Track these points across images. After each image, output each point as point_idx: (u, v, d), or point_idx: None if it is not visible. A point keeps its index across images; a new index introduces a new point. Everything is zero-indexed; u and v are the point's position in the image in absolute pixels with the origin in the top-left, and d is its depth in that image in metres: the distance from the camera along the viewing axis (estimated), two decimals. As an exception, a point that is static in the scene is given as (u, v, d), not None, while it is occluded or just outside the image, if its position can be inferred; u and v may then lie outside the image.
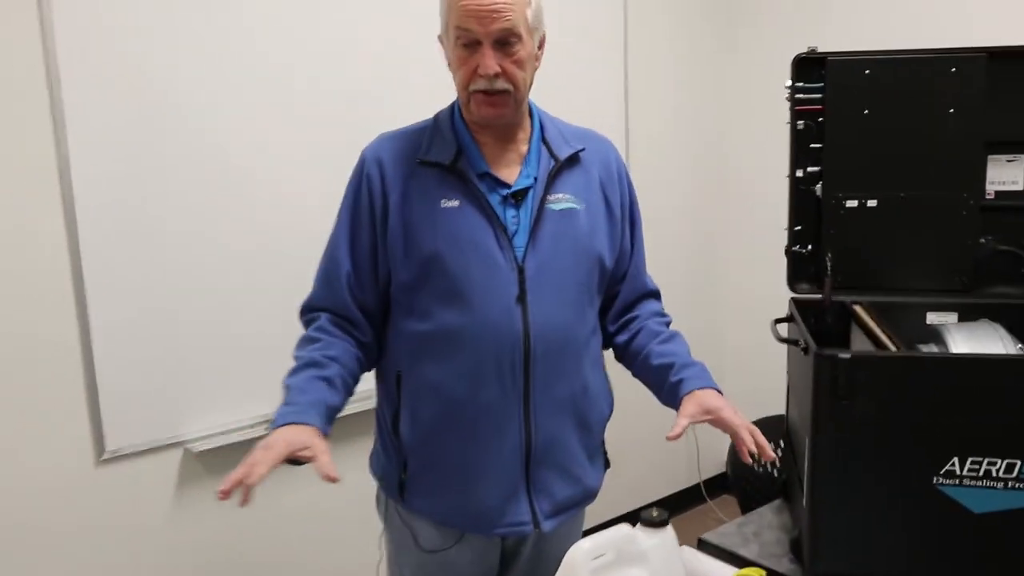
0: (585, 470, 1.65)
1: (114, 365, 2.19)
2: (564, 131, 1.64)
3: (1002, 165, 1.89)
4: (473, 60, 1.47)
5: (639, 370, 1.70)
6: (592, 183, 1.62)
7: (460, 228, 1.52)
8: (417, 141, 1.58)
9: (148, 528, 2.32)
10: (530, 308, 1.52)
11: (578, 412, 1.61)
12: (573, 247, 1.57)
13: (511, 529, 1.59)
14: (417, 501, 1.61)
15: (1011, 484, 1.46)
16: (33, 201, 2.09)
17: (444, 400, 1.55)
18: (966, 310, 1.88)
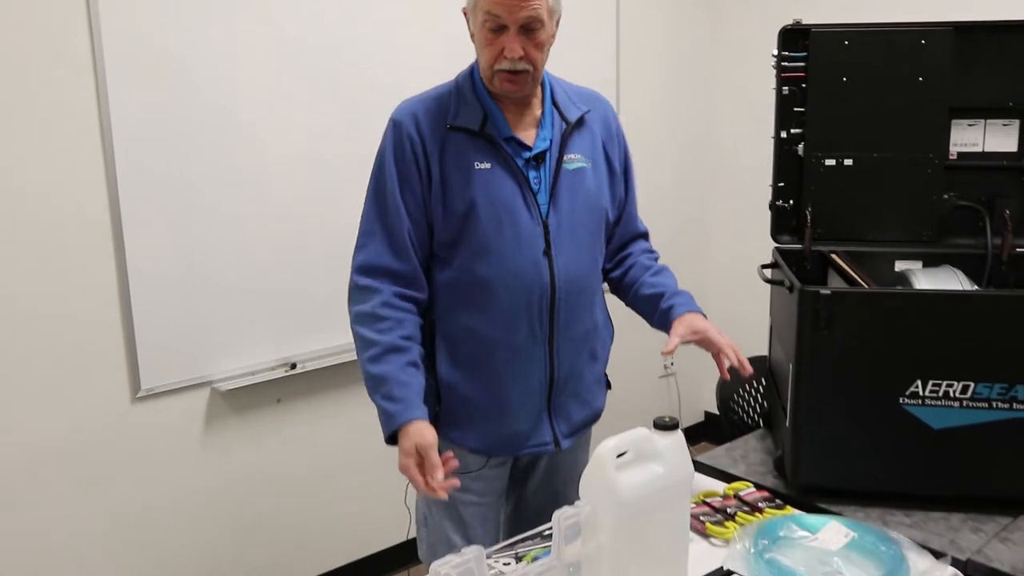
0: (594, 394, 1.86)
1: (150, 311, 2.36)
2: (569, 92, 1.79)
3: (964, 128, 2.07)
4: (499, 42, 1.59)
5: (632, 300, 1.89)
6: (596, 142, 1.78)
7: (493, 189, 1.65)
8: (444, 106, 1.69)
9: (179, 459, 2.50)
10: (555, 260, 1.69)
11: (590, 346, 1.81)
12: (586, 203, 1.74)
13: (536, 449, 1.78)
14: (452, 431, 1.75)
15: (965, 403, 1.67)
16: (76, 163, 2.24)
17: (480, 343, 1.70)
18: (931, 258, 2.07)
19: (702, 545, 1.58)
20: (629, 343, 3.70)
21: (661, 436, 1.36)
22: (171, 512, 2.49)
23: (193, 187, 2.42)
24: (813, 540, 1.53)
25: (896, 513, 1.70)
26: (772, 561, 1.44)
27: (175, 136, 2.37)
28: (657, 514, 1.33)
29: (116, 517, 2.39)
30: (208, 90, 2.42)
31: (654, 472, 1.33)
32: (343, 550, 2.83)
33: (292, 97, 2.58)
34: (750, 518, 1.64)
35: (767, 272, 2.02)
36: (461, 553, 1.09)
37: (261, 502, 2.67)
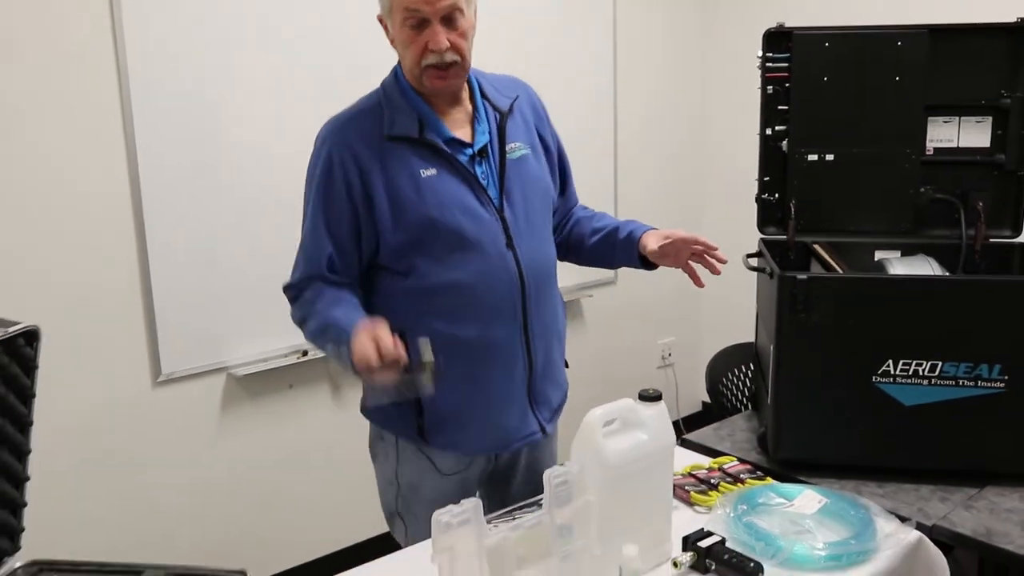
0: (562, 375, 1.90)
1: (170, 300, 2.49)
2: (494, 82, 1.78)
3: (940, 125, 2.18)
4: (422, 38, 1.58)
5: (587, 250, 1.92)
6: (529, 126, 1.80)
7: (443, 194, 1.64)
8: (376, 117, 1.67)
9: (197, 441, 2.63)
10: (519, 250, 1.70)
11: (557, 328, 1.85)
12: (535, 189, 1.77)
13: (525, 441, 1.80)
14: (439, 439, 1.74)
15: (934, 381, 1.79)
16: (99, 153, 2.37)
17: (458, 347, 1.66)
18: (908, 248, 2.18)
19: (687, 512, 1.69)
20: (627, 335, 3.86)
21: (645, 406, 1.48)
22: (189, 490, 2.62)
23: (211, 176, 2.54)
24: (789, 506, 1.65)
25: (870, 484, 1.82)
26: (749, 524, 1.56)
27: (194, 125, 2.49)
28: (642, 477, 1.45)
29: (136, 495, 2.52)
30: (226, 79, 2.54)
31: (639, 439, 1.45)
32: (354, 529, 2.95)
33: (310, 86, 2.68)
34: (732, 487, 1.76)
35: (751, 261, 2.14)
36: (460, 504, 1.21)
37: (274, 482, 2.79)
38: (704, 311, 4.15)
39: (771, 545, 1.50)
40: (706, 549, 1.47)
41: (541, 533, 1.31)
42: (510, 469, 1.87)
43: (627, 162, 3.73)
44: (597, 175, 3.60)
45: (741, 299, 2.88)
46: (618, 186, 3.69)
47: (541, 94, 1.91)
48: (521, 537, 1.29)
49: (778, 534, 1.53)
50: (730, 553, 1.46)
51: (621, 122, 3.67)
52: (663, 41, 3.87)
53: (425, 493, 1.79)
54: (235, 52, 2.55)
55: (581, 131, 3.47)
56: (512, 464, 1.87)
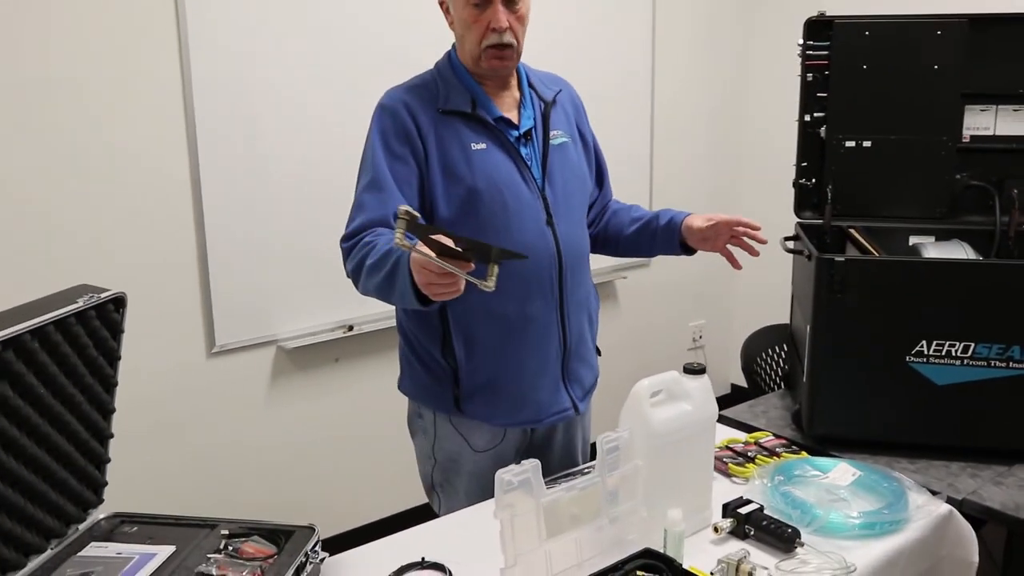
0: (594, 357, 1.97)
1: (224, 275, 2.60)
2: (538, 76, 1.87)
3: (976, 113, 2.22)
4: (484, 18, 1.65)
5: (625, 241, 1.98)
6: (569, 119, 1.89)
7: (492, 167, 1.72)
8: (432, 92, 1.74)
9: (247, 410, 2.74)
10: (557, 228, 1.78)
11: (589, 310, 1.92)
12: (574, 174, 1.85)
13: (558, 417, 1.86)
14: (475, 409, 1.80)
15: (966, 361, 1.85)
16: (161, 131, 2.47)
17: (496, 320, 1.73)
18: (942, 234, 2.23)
19: (724, 483, 1.77)
20: (660, 316, 3.93)
21: (690, 379, 1.56)
22: (239, 456, 2.73)
23: (265, 156, 2.63)
24: (824, 478, 1.72)
25: (901, 461, 1.88)
26: (786, 493, 1.64)
27: (250, 104, 2.59)
28: (685, 445, 1.53)
29: (189, 459, 2.64)
30: (284, 58, 2.63)
31: (683, 409, 1.53)
32: (397, 498, 3.05)
33: (360, 71, 2.77)
34: (768, 460, 1.84)
35: (788, 244, 2.20)
36: (521, 464, 1.30)
37: (320, 451, 2.91)
38: (734, 294, 4.21)
39: (807, 513, 1.57)
40: (745, 516, 1.55)
41: (593, 495, 1.40)
42: (545, 446, 1.93)
43: (663, 147, 3.79)
44: (634, 159, 3.67)
45: (771, 282, 2.94)
46: (653, 171, 3.76)
47: (579, 81, 1.99)
48: (574, 498, 1.38)
49: (814, 503, 1.60)
50: (768, 520, 1.54)
51: (658, 107, 3.73)
52: (701, 28, 3.92)
53: (461, 468, 1.87)
54: (293, 31, 2.64)
55: (619, 115, 3.54)
56: (547, 441, 1.93)
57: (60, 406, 1.36)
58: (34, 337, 1.26)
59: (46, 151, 2.31)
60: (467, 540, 1.54)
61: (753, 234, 1.84)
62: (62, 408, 1.37)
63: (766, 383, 2.67)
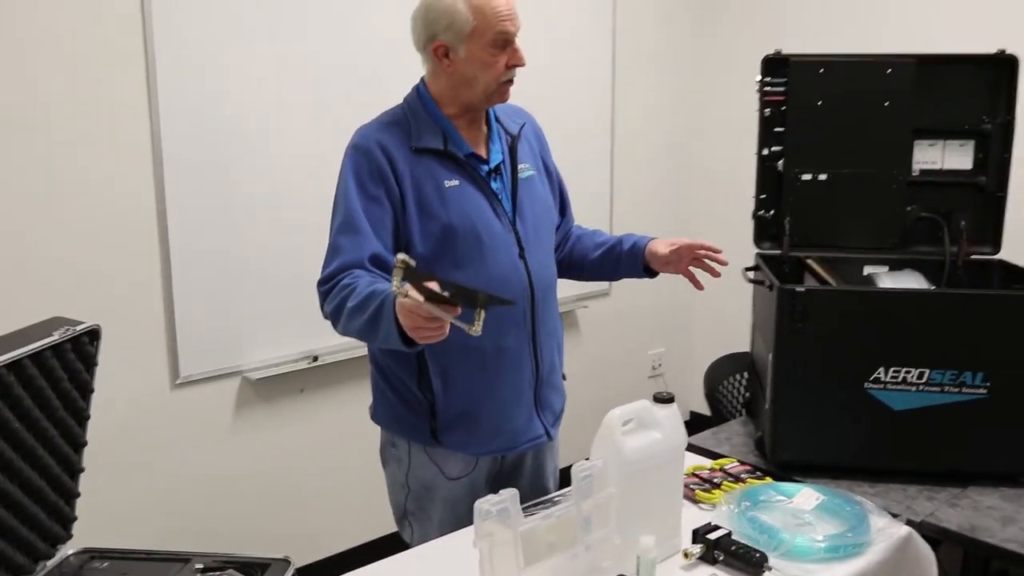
0: (561, 382, 2.02)
1: (189, 305, 2.59)
2: (503, 109, 1.90)
3: (925, 148, 2.31)
4: (504, 56, 1.73)
5: (589, 266, 2.04)
6: (534, 151, 1.94)
7: (465, 203, 1.76)
8: (404, 129, 1.77)
9: (211, 442, 2.72)
10: (529, 261, 1.83)
11: (557, 337, 1.98)
12: (542, 206, 1.91)
13: (531, 444, 1.91)
14: (452, 440, 1.83)
15: (921, 387, 1.91)
16: (125, 155, 2.45)
17: (473, 353, 1.76)
18: (895, 264, 2.31)
19: (692, 510, 1.80)
20: (620, 346, 3.97)
21: (659, 408, 1.60)
22: (204, 489, 2.70)
23: (232, 183, 2.63)
24: (789, 503, 1.77)
25: (862, 485, 1.93)
26: (753, 519, 1.67)
27: (218, 132, 2.58)
28: (656, 473, 1.56)
29: (154, 492, 2.60)
30: (252, 85, 2.63)
31: (653, 438, 1.56)
32: (363, 529, 3.04)
33: (328, 97, 2.79)
34: (734, 486, 1.88)
35: (750, 274, 2.26)
36: (499, 494, 1.32)
37: (285, 482, 2.88)
38: (693, 323, 4.28)
39: (774, 538, 1.61)
40: (714, 541, 1.59)
41: (569, 523, 1.42)
42: (515, 472, 1.97)
43: (624, 179, 3.86)
44: (593, 192, 3.72)
45: (729, 310, 3.00)
46: (614, 203, 3.82)
47: (540, 114, 2.03)
48: (551, 526, 1.40)
49: (780, 527, 1.64)
50: (736, 545, 1.58)
51: (619, 140, 3.80)
52: (661, 64, 4.02)
53: (435, 496, 1.90)
54: (261, 57, 2.65)
55: (579, 149, 3.60)
56: (517, 467, 1.97)
57: (33, 440, 1.36)
58: (10, 371, 1.26)
59: (7, 176, 2.28)
60: (441, 571, 1.55)
61: (714, 256, 1.91)
62: (35, 442, 1.37)
63: (728, 410, 2.72)
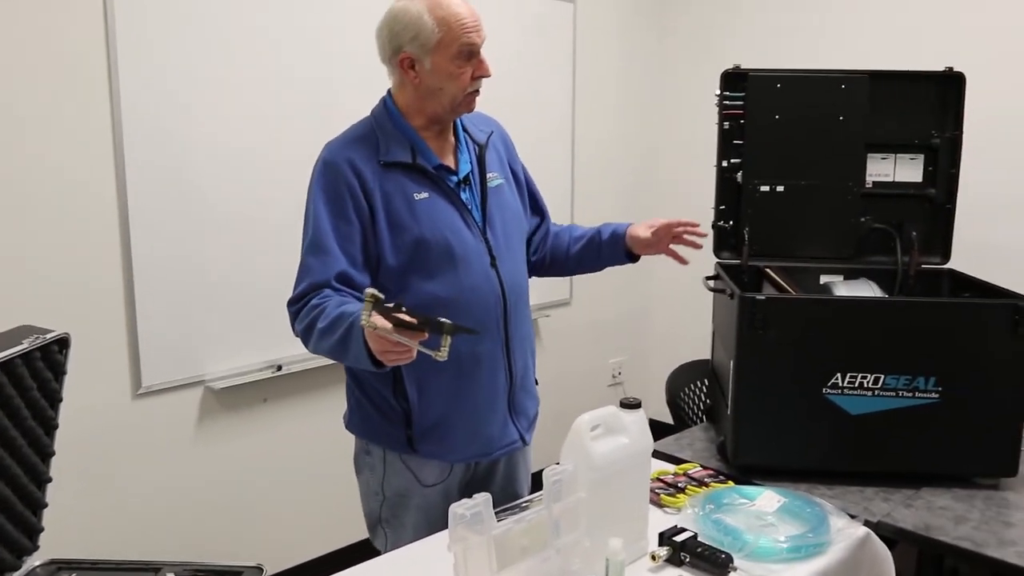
0: (534, 387, 2.05)
1: (152, 315, 2.56)
2: (470, 119, 1.92)
3: (878, 161, 2.40)
4: (469, 67, 1.75)
5: (572, 260, 2.08)
6: (502, 159, 1.96)
7: (436, 215, 1.77)
8: (372, 144, 1.78)
9: (174, 452, 2.69)
10: (501, 269, 1.84)
11: (530, 343, 2.00)
12: (511, 215, 1.92)
13: (507, 449, 1.93)
14: (428, 448, 1.84)
15: (877, 392, 1.98)
16: (87, 164, 2.43)
17: (449, 362, 1.71)
18: (850, 273, 2.39)
19: (657, 514, 1.83)
20: (581, 355, 4.01)
21: (626, 413, 1.63)
22: (167, 499, 2.67)
23: (196, 192, 2.61)
24: (751, 505, 1.81)
25: (820, 487, 1.99)
26: (718, 521, 1.71)
27: (181, 141, 2.57)
28: (623, 477, 1.59)
29: (116, 504, 2.56)
30: (216, 94, 2.62)
31: (620, 443, 1.59)
32: (328, 538, 3.03)
33: (293, 111, 2.79)
34: (698, 490, 1.92)
35: (710, 283, 2.31)
36: (473, 498, 1.34)
37: (249, 493, 2.86)
38: (652, 332, 4.34)
39: (738, 539, 1.65)
40: (681, 543, 1.62)
41: (541, 526, 1.44)
42: (488, 477, 1.98)
43: (584, 189, 3.91)
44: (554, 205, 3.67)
45: (686, 319, 3.08)
46: (574, 216, 3.86)
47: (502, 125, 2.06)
48: (523, 530, 1.42)
49: (744, 529, 1.68)
50: (702, 547, 1.61)
51: (579, 153, 3.85)
52: (622, 78, 4.08)
53: (409, 503, 1.90)
54: (226, 66, 2.65)
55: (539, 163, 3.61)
56: (490, 472, 1.98)
57: (1, 449, 1.34)
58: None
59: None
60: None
61: (692, 230, 1.97)
62: (2, 451, 1.35)
63: (689, 417, 2.77)
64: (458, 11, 1.73)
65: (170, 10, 2.52)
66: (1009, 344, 1.94)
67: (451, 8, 1.72)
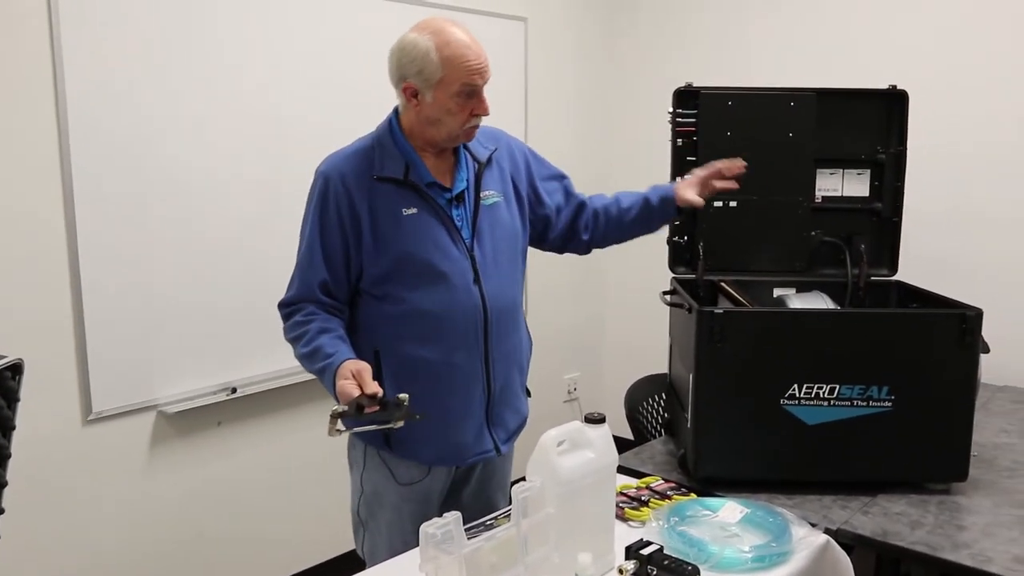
0: (522, 402, 2.10)
1: (102, 338, 2.50)
2: (477, 135, 1.96)
3: (827, 176, 2.46)
4: (470, 104, 1.82)
5: (627, 228, 2.17)
6: (505, 177, 2.02)
7: (421, 230, 1.85)
8: (368, 159, 1.87)
9: (126, 479, 2.62)
10: (484, 286, 1.90)
11: (517, 359, 2.05)
12: (504, 232, 1.97)
13: (479, 457, 1.99)
14: (403, 448, 1.93)
15: (832, 402, 2.01)
16: (34, 186, 2.37)
17: (423, 367, 1.87)
18: (802, 285, 2.44)
19: (622, 527, 1.84)
20: (537, 371, 4.00)
21: (591, 428, 1.64)
22: (119, 528, 2.60)
23: (146, 214, 2.57)
24: (715, 517, 1.83)
25: (780, 497, 2.01)
26: (683, 533, 1.73)
27: (131, 164, 2.53)
28: (590, 491, 1.60)
29: (66, 534, 2.49)
30: (165, 113, 2.59)
31: (586, 457, 1.60)
32: (280, 563, 2.98)
33: (242, 133, 2.77)
34: (661, 503, 1.93)
35: (667, 297, 2.34)
36: (443, 517, 1.33)
37: (203, 518, 2.80)
38: (605, 347, 4.38)
39: (704, 551, 1.67)
40: (647, 557, 1.62)
41: (510, 543, 1.44)
42: (466, 483, 2.06)
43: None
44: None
45: (638, 335, 3.10)
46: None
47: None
48: (493, 547, 1.42)
49: (709, 540, 1.70)
50: (669, 559, 1.62)
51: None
52: (573, 97, 4.13)
53: (385, 500, 1.98)
54: (175, 85, 2.61)
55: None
56: (468, 478, 2.06)
57: (-47, 481, 1.30)
58: (-68, 407, 1.21)
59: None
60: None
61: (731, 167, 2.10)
62: (-46, 482, 1.30)
63: (648, 431, 2.79)
64: (464, 52, 1.79)
65: (120, 36, 2.48)
66: (956, 352, 1.99)
67: (458, 49, 1.79)
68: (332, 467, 3.06)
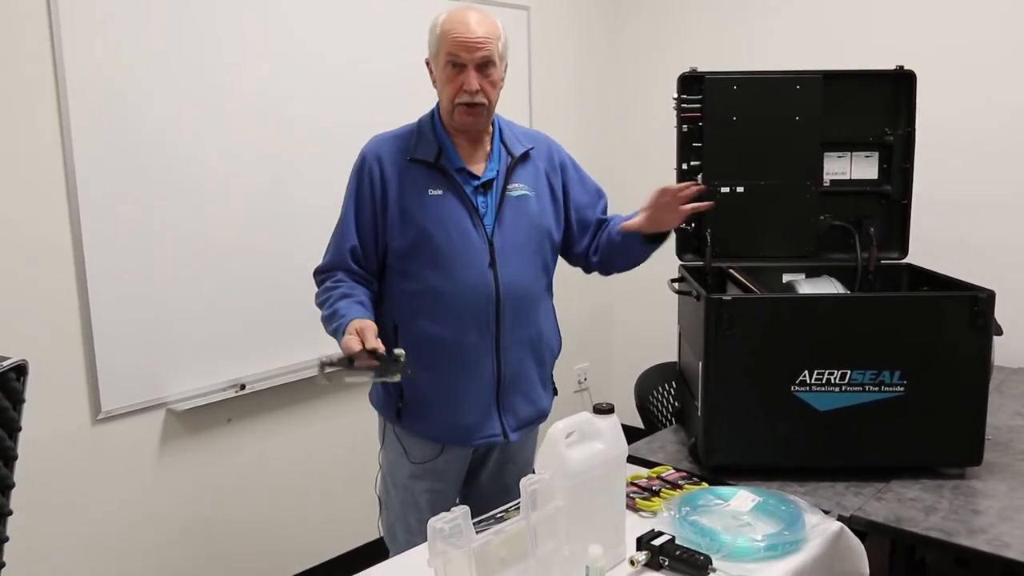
0: (540, 395, 2.12)
1: (109, 337, 2.50)
2: (518, 133, 2.09)
3: (835, 159, 2.43)
4: (459, 79, 1.90)
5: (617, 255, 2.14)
6: (540, 174, 2.09)
7: (444, 212, 1.95)
8: (406, 142, 2.00)
9: (136, 477, 2.62)
10: (500, 271, 1.96)
11: (535, 350, 2.08)
12: (528, 224, 2.03)
13: (485, 440, 2.05)
14: (412, 423, 2.03)
15: (844, 388, 1.99)
16: (39, 187, 2.36)
17: (435, 344, 1.96)
18: (812, 270, 2.41)
19: (633, 517, 1.82)
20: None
21: (600, 419, 1.63)
22: (131, 527, 2.60)
23: (151, 213, 2.56)
24: (726, 506, 1.82)
25: (792, 484, 2.00)
26: (694, 523, 1.72)
27: (135, 163, 2.52)
28: (600, 483, 1.59)
29: (77, 534, 2.49)
30: (169, 117, 2.57)
31: (596, 448, 1.59)
32: (293, 559, 2.98)
33: (247, 131, 2.75)
34: (672, 493, 1.92)
35: (676, 285, 2.32)
36: (452, 511, 1.32)
37: (215, 515, 2.80)
38: (614, 337, 4.36)
39: (715, 540, 1.65)
40: (659, 547, 1.62)
41: (519, 537, 1.43)
42: (480, 464, 2.14)
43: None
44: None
45: (646, 323, 3.07)
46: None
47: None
48: (502, 541, 1.41)
49: (721, 530, 1.69)
50: (681, 549, 1.61)
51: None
52: (578, 83, 4.10)
53: (399, 478, 2.08)
54: (178, 90, 2.59)
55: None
56: (484, 461, 2.13)
57: (-41, 484, 1.29)
58: (-64, 410, 1.20)
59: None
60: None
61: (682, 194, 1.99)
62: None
63: (658, 420, 2.77)
64: (454, 26, 1.88)
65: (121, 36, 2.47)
66: (968, 335, 1.97)
67: (453, 23, 1.88)
68: (344, 461, 3.08)
